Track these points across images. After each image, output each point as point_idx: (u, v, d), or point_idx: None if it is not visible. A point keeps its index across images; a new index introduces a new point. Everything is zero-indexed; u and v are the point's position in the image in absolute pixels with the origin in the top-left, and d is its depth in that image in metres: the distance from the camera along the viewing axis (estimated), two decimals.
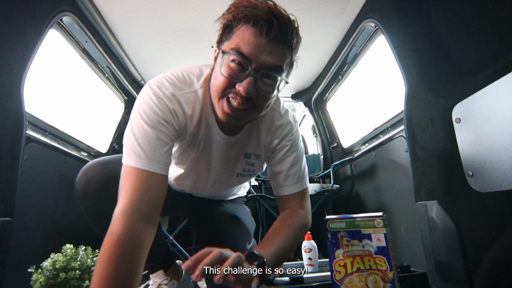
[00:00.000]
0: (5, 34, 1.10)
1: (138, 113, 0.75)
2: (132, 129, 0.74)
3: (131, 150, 0.72)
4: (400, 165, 1.60)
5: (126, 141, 0.74)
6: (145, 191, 0.69)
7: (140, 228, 0.67)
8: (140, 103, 0.76)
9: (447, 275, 1.06)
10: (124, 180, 0.71)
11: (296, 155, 0.92)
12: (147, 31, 1.80)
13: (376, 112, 2.24)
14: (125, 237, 0.64)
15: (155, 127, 0.74)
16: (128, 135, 0.74)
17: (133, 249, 0.64)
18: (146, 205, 0.69)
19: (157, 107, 0.75)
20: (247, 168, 0.95)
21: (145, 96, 0.76)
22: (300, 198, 0.92)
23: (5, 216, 1.03)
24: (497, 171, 0.87)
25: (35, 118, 1.52)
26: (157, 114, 0.74)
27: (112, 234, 0.64)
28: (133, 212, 0.66)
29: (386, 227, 0.86)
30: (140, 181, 0.70)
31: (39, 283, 0.95)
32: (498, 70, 0.86)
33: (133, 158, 0.71)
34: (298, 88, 2.73)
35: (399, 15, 1.30)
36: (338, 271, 0.87)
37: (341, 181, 2.48)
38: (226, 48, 0.70)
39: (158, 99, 0.76)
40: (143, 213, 0.68)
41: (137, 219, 0.66)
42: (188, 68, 0.84)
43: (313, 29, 1.81)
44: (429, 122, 1.13)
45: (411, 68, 1.23)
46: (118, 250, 0.62)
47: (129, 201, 0.67)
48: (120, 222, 0.65)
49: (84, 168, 0.94)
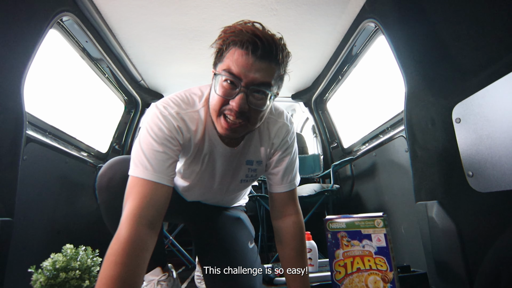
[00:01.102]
0: (5, 34, 1.10)
1: (146, 130, 0.82)
2: (140, 144, 0.81)
3: (139, 163, 0.79)
4: (400, 165, 1.60)
5: (134, 155, 0.81)
6: (151, 199, 0.76)
7: (145, 232, 0.73)
8: (148, 122, 0.84)
9: (447, 275, 1.06)
10: (131, 189, 0.77)
11: (291, 157, 1.00)
12: (147, 31, 1.80)
13: (376, 111, 2.24)
14: (131, 240, 0.69)
15: (162, 143, 0.81)
16: (136, 150, 0.81)
17: (138, 251, 0.70)
18: (151, 212, 0.75)
19: (163, 125, 0.83)
20: (250, 174, 1.02)
21: (152, 116, 0.85)
22: (292, 195, 1.01)
23: (5, 216, 1.03)
24: (497, 171, 0.87)
25: (35, 118, 1.52)
26: (163, 131, 0.82)
27: (119, 237, 0.70)
28: (139, 217, 0.73)
29: (386, 227, 0.86)
30: (146, 190, 0.76)
31: (39, 283, 0.95)
32: (498, 70, 0.86)
33: (141, 170, 0.78)
34: (298, 88, 2.72)
35: (399, 15, 1.30)
36: (338, 271, 0.87)
37: (341, 181, 2.48)
38: (219, 70, 0.78)
39: (164, 118, 0.83)
40: (148, 219, 0.74)
41: (143, 224, 0.73)
42: (190, 90, 0.92)
43: (313, 29, 1.80)
44: (429, 122, 1.13)
45: (411, 68, 1.23)
46: (125, 252, 0.68)
47: (136, 207, 0.74)
48: (127, 226, 0.71)
49: (109, 163, 1.02)
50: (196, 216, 1.20)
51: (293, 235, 0.97)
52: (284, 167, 0.98)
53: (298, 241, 0.97)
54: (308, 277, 0.95)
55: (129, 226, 0.71)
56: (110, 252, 0.68)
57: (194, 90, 0.92)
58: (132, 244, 0.69)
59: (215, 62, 0.82)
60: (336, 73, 2.24)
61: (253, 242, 1.19)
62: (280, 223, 1.00)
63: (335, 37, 1.91)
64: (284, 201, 1.00)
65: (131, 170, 0.80)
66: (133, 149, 0.84)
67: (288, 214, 0.99)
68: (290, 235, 0.97)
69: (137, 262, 0.69)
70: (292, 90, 2.77)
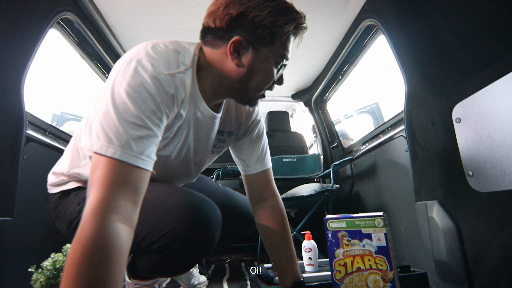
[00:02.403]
0: (5, 33, 1.10)
1: (125, 93, 0.61)
2: (115, 110, 0.60)
3: (112, 135, 0.58)
4: (400, 165, 1.60)
5: (101, 123, 0.60)
6: (127, 187, 0.58)
7: (118, 230, 0.54)
8: (130, 82, 0.62)
9: (447, 275, 1.06)
10: (98, 171, 0.57)
11: (265, 137, 1.02)
12: (147, 31, 1.80)
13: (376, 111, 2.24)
14: (99, 242, 0.51)
15: (149, 115, 0.63)
16: (106, 116, 0.60)
17: (111, 256, 0.51)
18: (127, 204, 0.57)
19: (155, 91, 0.64)
20: (218, 145, 0.96)
21: (135, 74, 0.63)
22: (269, 175, 1.01)
23: (5, 216, 1.03)
24: (497, 171, 0.87)
25: (35, 118, 1.52)
26: (155, 100, 0.64)
27: (82, 239, 0.50)
28: (109, 211, 0.54)
29: (387, 227, 0.86)
30: (121, 174, 0.58)
31: (39, 283, 0.95)
32: (498, 70, 0.86)
33: (114, 146, 0.58)
34: (298, 87, 2.72)
35: (399, 15, 1.30)
36: (338, 271, 0.87)
37: (341, 181, 2.48)
38: (277, 54, 0.76)
39: (155, 81, 0.65)
40: (121, 213, 0.55)
41: (114, 220, 0.54)
42: (174, 43, 0.78)
43: (313, 29, 1.80)
44: (429, 122, 1.13)
45: (411, 68, 1.23)
46: (92, 259, 0.49)
47: (105, 197, 0.55)
48: (92, 223, 0.52)
49: None
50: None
51: (275, 221, 0.97)
52: (260, 147, 0.98)
53: (280, 225, 0.96)
54: (296, 259, 0.95)
55: (95, 222, 0.52)
56: (71, 261, 0.49)
57: (182, 45, 0.79)
58: (101, 247, 0.50)
59: (259, 39, 0.73)
60: (336, 73, 2.24)
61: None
62: (260, 209, 0.99)
63: (335, 37, 1.91)
64: (262, 183, 0.99)
65: (97, 144, 0.58)
66: (97, 112, 0.62)
67: (267, 197, 0.99)
68: (272, 222, 0.96)
69: (109, 270, 0.50)
70: (292, 90, 2.77)
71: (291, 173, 2.55)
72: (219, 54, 0.76)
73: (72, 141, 0.92)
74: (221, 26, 0.73)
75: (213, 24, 0.75)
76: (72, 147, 0.90)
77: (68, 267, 0.49)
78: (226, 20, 0.72)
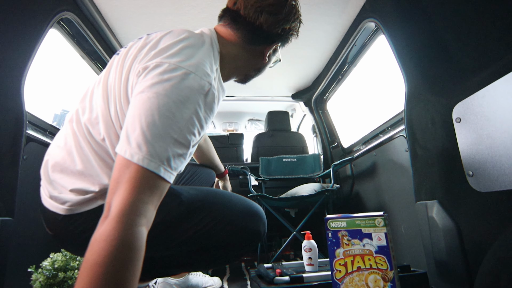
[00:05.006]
0: (5, 33, 1.10)
1: (175, 105, 0.60)
2: (163, 123, 0.58)
3: (156, 151, 0.57)
4: (400, 165, 1.60)
5: (146, 133, 0.57)
6: (155, 194, 0.58)
7: (142, 236, 0.54)
8: (178, 95, 0.60)
9: (447, 275, 1.06)
10: (130, 173, 0.56)
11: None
12: (147, 31, 1.78)
13: (376, 111, 2.24)
14: (127, 245, 0.51)
15: (194, 133, 0.63)
16: (154, 129, 0.58)
17: (135, 261, 0.52)
18: (151, 210, 0.57)
19: (214, 103, 0.68)
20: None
21: (183, 87, 0.61)
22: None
23: (5, 216, 1.03)
24: (497, 171, 0.87)
25: (35, 118, 1.51)
26: (213, 111, 0.68)
27: (107, 239, 0.50)
28: (138, 215, 0.54)
29: (387, 226, 0.86)
30: (152, 184, 0.57)
31: (39, 283, 0.95)
32: (498, 70, 0.86)
33: (157, 163, 0.57)
34: (298, 87, 2.73)
35: (399, 15, 1.30)
36: (338, 270, 0.87)
37: (341, 181, 2.48)
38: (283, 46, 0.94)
39: (212, 92, 0.66)
40: (147, 219, 0.56)
41: (141, 225, 0.54)
42: (194, 39, 0.76)
43: (313, 29, 1.80)
44: (429, 121, 1.13)
45: (412, 68, 1.23)
46: (117, 259, 0.49)
47: (134, 200, 0.54)
48: (120, 225, 0.51)
49: None
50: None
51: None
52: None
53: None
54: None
55: (125, 224, 0.51)
56: (96, 259, 0.48)
57: (203, 40, 0.78)
58: (129, 249, 0.50)
59: (278, 38, 0.88)
60: (336, 73, 2.24)
61: None
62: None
63: (335, 37, 1.91)
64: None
65: (138, 156, 0.56)
66: (135, 115, 0.59)
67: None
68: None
69: (132, 274, 0.50)
70: (292, 89, 2.77)
71: (291, 173, 2.55)
72: (250, 50, 0.88)
73: (91, 147, 0.75)
74: (270, 31, 0.85)
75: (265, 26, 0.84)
76: (97, 155, 0.75)
77: (93, 264, 0.48)
78: (277, 30, 0.85)
